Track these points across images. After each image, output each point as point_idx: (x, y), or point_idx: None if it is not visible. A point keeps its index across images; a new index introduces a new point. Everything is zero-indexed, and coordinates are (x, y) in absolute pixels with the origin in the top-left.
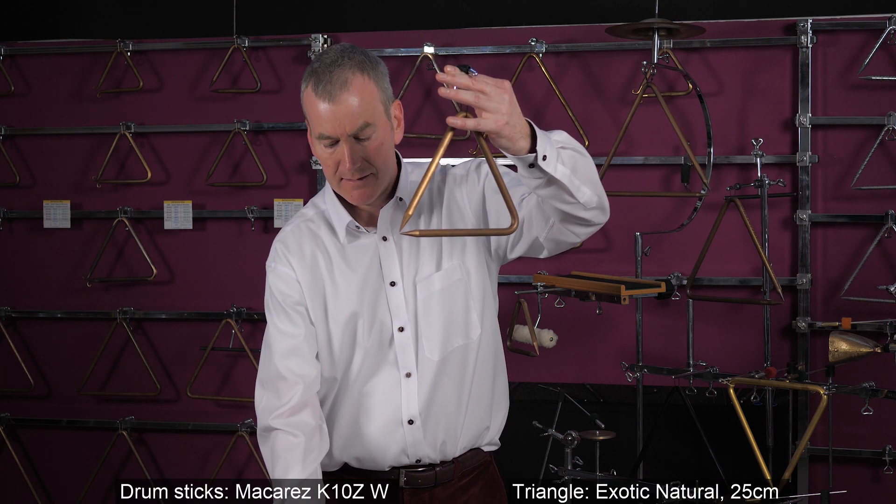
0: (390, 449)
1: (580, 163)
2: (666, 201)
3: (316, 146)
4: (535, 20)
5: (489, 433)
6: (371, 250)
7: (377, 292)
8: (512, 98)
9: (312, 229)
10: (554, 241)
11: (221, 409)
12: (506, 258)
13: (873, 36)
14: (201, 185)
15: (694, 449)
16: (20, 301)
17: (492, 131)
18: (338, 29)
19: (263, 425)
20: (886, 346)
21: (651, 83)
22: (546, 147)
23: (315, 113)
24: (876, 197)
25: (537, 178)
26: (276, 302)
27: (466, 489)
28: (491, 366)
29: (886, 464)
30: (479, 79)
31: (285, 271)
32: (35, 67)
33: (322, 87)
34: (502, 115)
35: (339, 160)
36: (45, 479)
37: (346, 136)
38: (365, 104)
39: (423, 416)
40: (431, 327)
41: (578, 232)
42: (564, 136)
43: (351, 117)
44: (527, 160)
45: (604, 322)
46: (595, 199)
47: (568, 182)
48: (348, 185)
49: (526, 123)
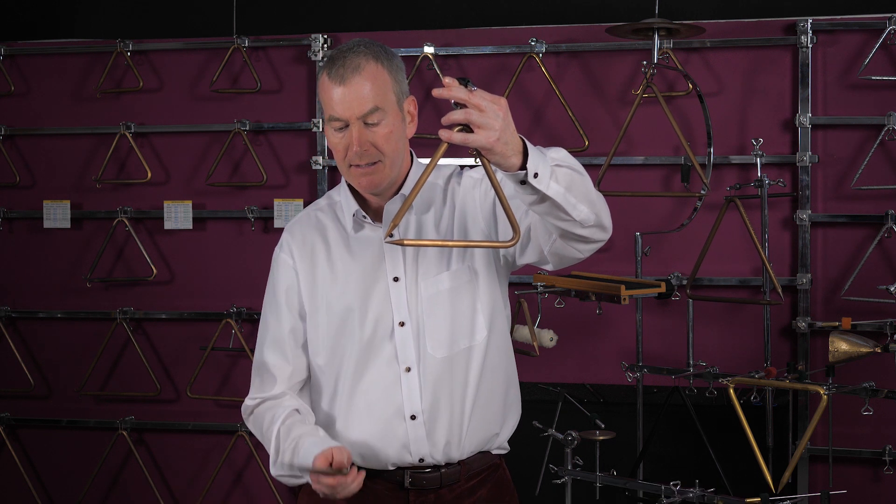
0: (392, 444)
1: (576, 181)
2: (666, 201)
3: (328, 132)
4: (535, 20)
5: (498, 439)
6: (376, 244)
7: (379, 286)
8: (507, 115)
9: (321, 218)
10: (557, 256)
11: (221, 409)
12: (514, 264)
13: (873, 36)
14: (201, 185)
15: (694, 449)
16: (20, 301)
17: (483, 147)
18: (338, 29)
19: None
20: (886, 346)
21: (651, 83)
22: (538, 164)
23: (328, 96)
24: (876, 197)
25: (530, 196)
26: (272, 291)
27: (473, 492)
28: (503, 374)
29: (886, 464)
30: (477, 94)
31: (285, 258)
32: (35, 67)
33: (335, 70)
34: (494, 131)
35: (349, 144)
36: (45, 479)
37: (356, 118)
38: (376, 89)
39: (425, 413)
40: (437, 325)
41: (580, 248)
42: (562, 154)
43: (360, 100)
44: (517, 177)
45: (604, 322)
46: (592, 218)
47: (562, 200)
48: (356, 171)
49: (519, 140)
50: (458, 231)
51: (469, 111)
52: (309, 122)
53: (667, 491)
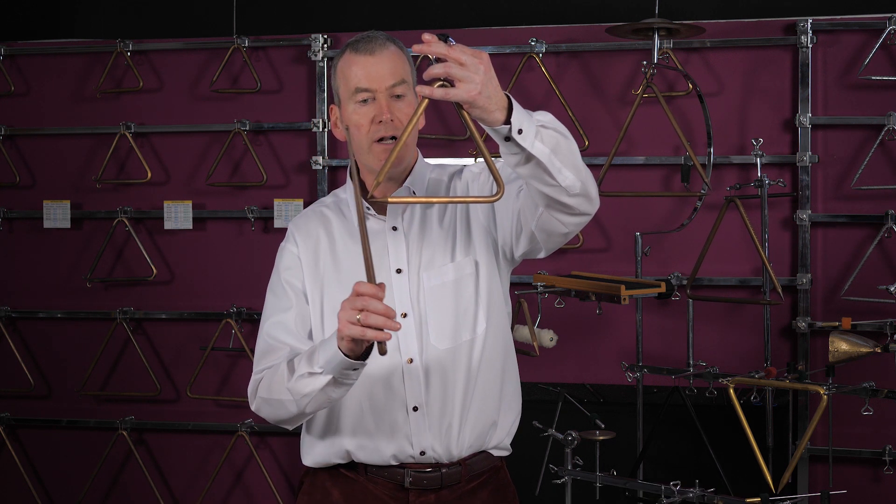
0: (393, 436)
1: (562, 144)
2: (666, 201)
3: (349, 109)
4: (535, 20)
5: (497, 433)
6: (380, 237)
7: (382, 278)
8: (488, 69)
9: (325, 213)
10: (544, 232)
11: (221, 409)
12: (513, 259)
13: (873, 36)
14: (201, 185)
15: (694, 449)
16: (20, 301)
17: (464, 101)
18: (338, 29)
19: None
20: (886, 346)
21: (651, 83)
22: (523, 121)
23: (354, 69)
24: (876, 197)
25: (514, 154)
26: (277, 279)
27: (474, 493)
28: (500, 365)
29: (886, 464)
30: (456, 48)
31: (290, 248)
32: (35, 67)
33: (362, 45)
34: (475, 84)
35: (374, 116)
36: (45, 479)
37: (384, 88)
38: (401, 65)
39: (428, 405)
40: (441, 316)
41: (564, 221)
42: (548, 117)
43: (392, 70)
44: (501, 132)
45: (604, 322)
46: (578, 186)
47: (547, 161)
48: (378, 147)
49: (503, 96)
50: (461, 223)
51: (449, 65)
52: (309, 122)
53: (667, 491)
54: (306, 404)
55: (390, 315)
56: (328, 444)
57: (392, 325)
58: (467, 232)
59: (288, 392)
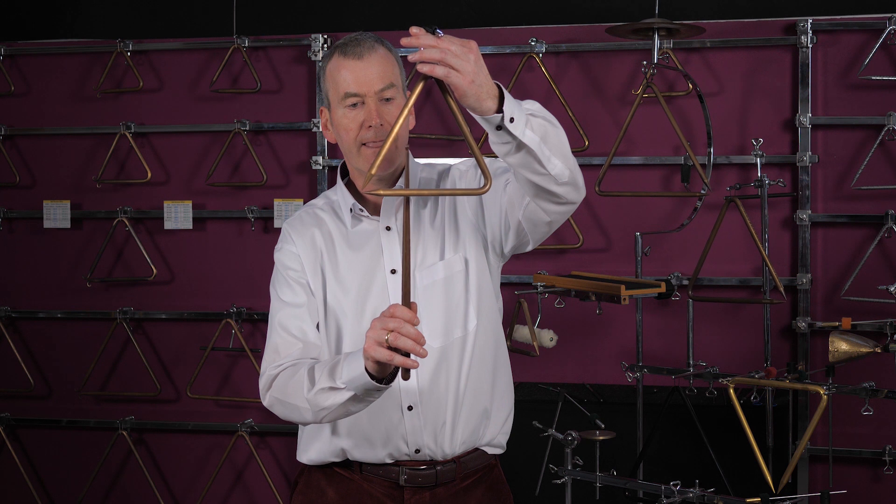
0: (390, 435)
1: (551, 132)
2: (666, 201)
3: (338, 113)
4: (535, 20)
5: (490, 429)
6: (374, 237)
7: (377, 278)
8: (478, 58)
9: (319, 214)
10: (531, 222)
11: (221, 409)
12: (503, 253)
13: (873, 36)
14: (201, 185)
15: (694, 449)
16: (20, 301)
17: (457, 86)
18: (338, 29)
19: (265, 379)
20: (886, 346)
21: (651, 83)
22: (514, 110)
23: (342, 74)
24: (876, 197)
25: (505, 143)
26: (280, 276)
27: (469, 491)
28: (490, 360)
29: (886, 464)
30: (445, 39)
31: (289, 248)
32: (35, 67)
33: (350, 49)
34: (468, 72)
35: (363, 121)
36: (45, 479)
37: (373, 93)
38: (389, 68)
39: (423, 404)
40: (433, 315)
41: (549, 210)
42: (536, 106)
43: (379, 74)
44: (493, 121)
45: (604, 322)
46: (567, 174)
47: (537, 149)
48: (367, 150)
49: (494, 85)
50: (450, 221)
51: (444, 51)
52: (309, 122)
53: (667, 491)
54: (324, 416)
55: (421, 342)
56: (324, 443)
57: (420, 353)
58: (455, 229)
59: (306, 402)
